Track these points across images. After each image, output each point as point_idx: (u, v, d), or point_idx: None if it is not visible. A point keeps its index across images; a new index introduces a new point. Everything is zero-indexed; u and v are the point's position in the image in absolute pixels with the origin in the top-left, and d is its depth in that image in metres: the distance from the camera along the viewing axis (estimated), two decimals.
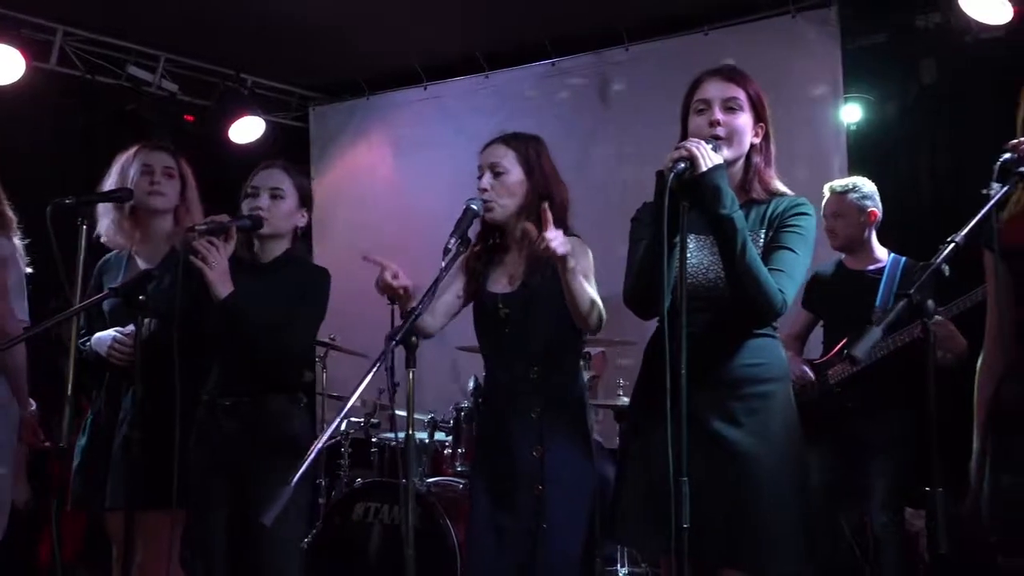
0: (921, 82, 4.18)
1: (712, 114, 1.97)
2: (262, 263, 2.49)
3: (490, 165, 2.33)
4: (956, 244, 1.55)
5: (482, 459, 2.40)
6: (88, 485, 2.58)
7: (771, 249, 1.95)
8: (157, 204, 2.65)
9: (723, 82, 2.01)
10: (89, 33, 4.67)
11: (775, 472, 1.91)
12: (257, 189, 2.48)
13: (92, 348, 2.58)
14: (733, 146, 1.98)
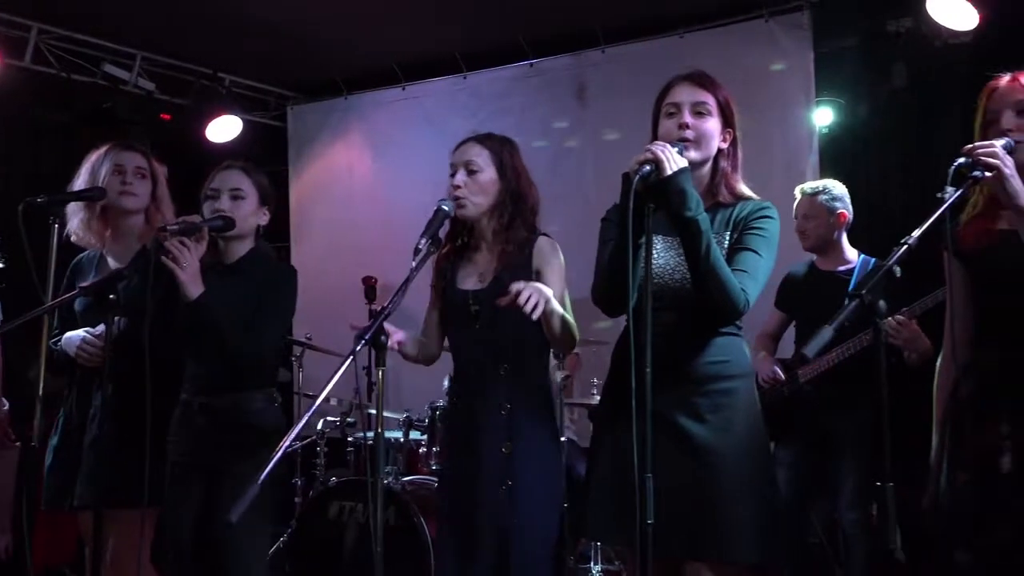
0: (892, 86, 4.24)
1: (681, 117, 2.02)
2: (227, 263, 2.51)
3: (464, 163, 2.36)
4: (909, 246, 1.59)
5: (451, 456, 2.43)
6: (60, 484, 2.57)
7: (735, 251, 2.00)
8: (128, 204, 2.65)
9: (693, 87, 2.06)
10: (64, 31, 4.64)
11: (737, 466, 1.96)
12: (217, 191, 2.49)
13: (62, 348, 2.58)
14: (701, 149, 2.03)
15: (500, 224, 2.35)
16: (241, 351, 2.38)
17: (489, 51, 5.00)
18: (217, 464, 2.37)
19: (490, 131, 2.48)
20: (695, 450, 1.96)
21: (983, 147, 1.73)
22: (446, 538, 2.36)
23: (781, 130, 4.30)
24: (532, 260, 2.34)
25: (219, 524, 2.31)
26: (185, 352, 2.48)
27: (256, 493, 1.51)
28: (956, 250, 1.97)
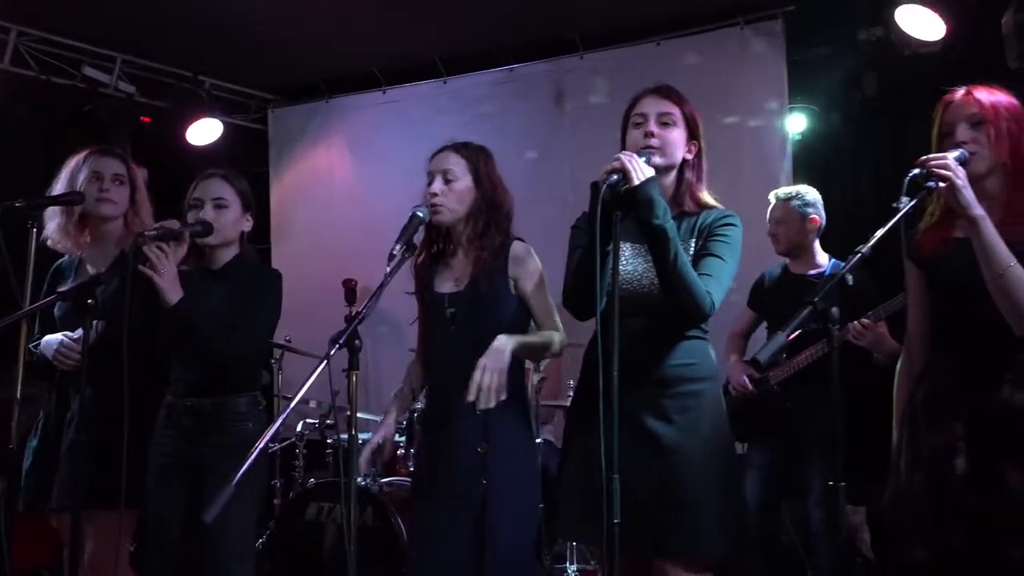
0: (863, 93, 4.33)
1: (647, 126, 2.09)
2: (213, 269, 2.55)
3: (442, 171, 2.41)
4: (862, 255, 1.65)
5: (427, 456, 2.47)
6: (39, 486, 2.59)
7: (700, 256, 2.07)
8: (106, 211, 2.67)
9: (659, 99, 2.14)
10: (44, 33, 4.64)
11: (702, 466, 2.02)
12: (200, 200, 2.53)
13: (41, 351, 2.60)
14: (665, 155, 2.10)
15: (475, 231, 2.41)
16: (224, 354, 2.42)
17: (469, 56, 5.05)
18: (201, 465, 2.41)
19: (467, 139, 2.54)
20: (661, 450, 2.02)
21: (936, 159, 1.80)
22: (420, 534, 2.41)
23: (755, 135, 4.39)
24: (507, 266, 2.39)
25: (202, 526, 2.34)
26: (169, 355, 2.51)
27: (231, 494, 1.54)
28: (915, 257, 2.04)
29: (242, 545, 2.47)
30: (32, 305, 2.43)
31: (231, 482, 1.56)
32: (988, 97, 1.95)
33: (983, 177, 1.90)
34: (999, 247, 1.80)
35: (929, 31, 3.67)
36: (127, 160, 2.78)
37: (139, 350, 2.38)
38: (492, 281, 2.36)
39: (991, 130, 1.90)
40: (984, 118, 1.92)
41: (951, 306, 1.97)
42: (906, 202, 1.76)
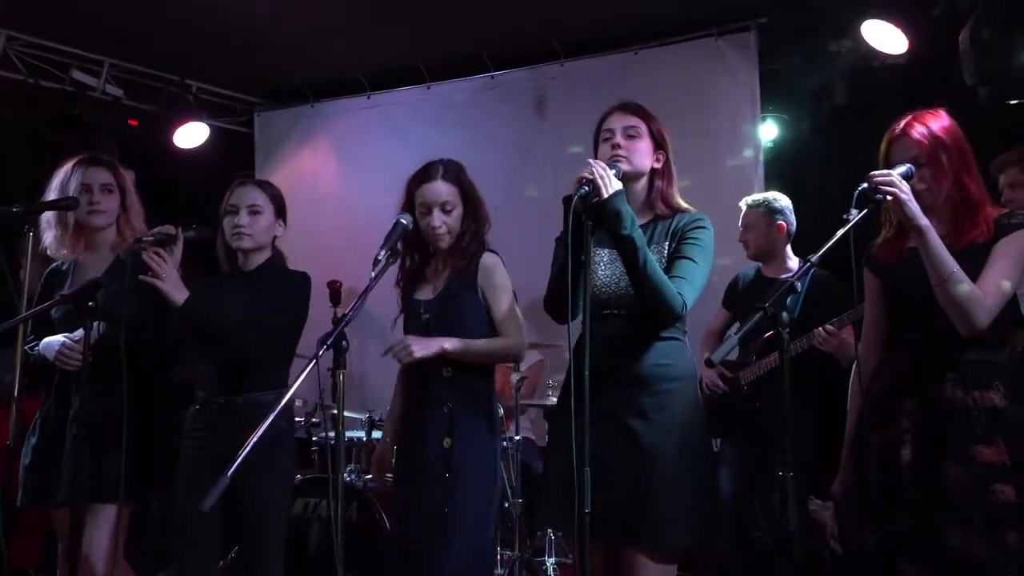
0: (833, 102, 4.47)
1: (614, 139, 2.24)
2: (246, 271, 2.68)
3: (440, 204, 2.54)
4: (811, 263, 1.79)
5: (401, 450, 2.60)
6: (39, 483, 2.67)
7: (673, 259, 2.19)
8: (97, 222, 2.75)
9: (624, 114, 2.29)
10: (32, 37, 4.69)
11: (675, 460, 2.13)
12: (236, 207, 2.64)
13: (40, 352, 2.68)
14: (632, 163, 2.24)
15: (459, 245, 2.55)
16: (247, 352, 2.53)
17: (452, 63, 5.14)
18: (232, 457, 2.49)
19: (451, 143, 2.67)
20: (638, 446, 2.13)
21: (882, 175, 1.93)
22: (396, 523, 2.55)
23: (729, 142, 4.51)
24: (477, 276, 2.54)
25: (243, 516, 2.48)
26: (195, 355, 2.64)
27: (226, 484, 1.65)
28: (872, 266, 2.19)
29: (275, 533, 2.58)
30: (36, 308, 2.52)
31: (226, 475, 1.67)
32: (925, 134, 2.06)
33: (932, 207, 2.03)
34: (943, 255, 1.94)
35: (893, 45, 3.82)
36: (115, 167, 2.84)
37: (139, 351, 2.48)
38: (462, 290, 2.52)
39: (932, 171, 2.04)
40: (927, 160, 2.04)
41: (903, 310, 2.11)
42: (855, 214, 1.89)
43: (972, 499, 1.93)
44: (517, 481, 3.62)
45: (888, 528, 2.01)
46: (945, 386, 1.99)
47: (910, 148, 2.07)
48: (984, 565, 1.92)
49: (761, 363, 3.35)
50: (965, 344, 1.97)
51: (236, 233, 2.61)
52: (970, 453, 1.96)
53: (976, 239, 2.00)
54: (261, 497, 2.47)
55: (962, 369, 1.99)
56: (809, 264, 1.78)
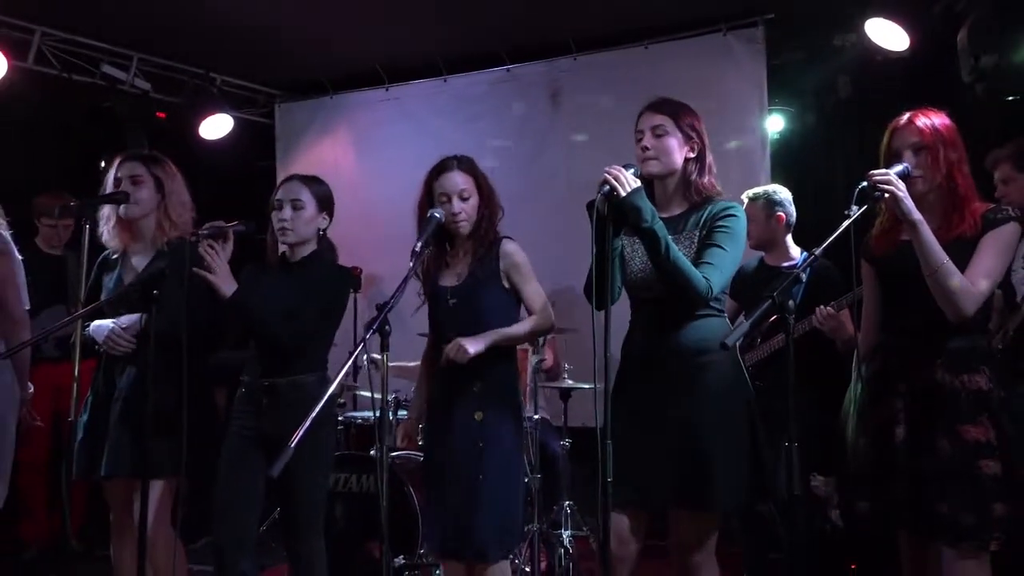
0: (837, 95, 4.63)
1: (643, 140, 2.40)
2: (291, 263, 2.85)
3: (458, 193, 2.72)
4: (815, 256, 1.97)
5: (433, 425, 2.79)
6: (89, 457, 2.85)
7: (703, 246, 2.35)
8: (131, 213, 2.89)
9: (652, 114, 2.43)
10: (66, 33, 4.85)
11: (718, 429, 2.30)
12: (281, 202, 2.80)
13: (90, 335, 2.86)
14: (661, 161, 2.40)
15: (476, 233, 2.74)
16: (283, 338, 2.71)
17: (468, 56, 5.30)
18: (278, 435, 2.64)
19: (466, 135, 2.82)
20: (684, 417, 2.30)
21: (879, 174, 2.11)
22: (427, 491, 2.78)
23: (737, 135, 4.66)
24: (499, 262, 2.73)
25: (287, 486, 2.67)
26: (239, 342, 2.82)
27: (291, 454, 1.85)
28: (868, 256, 2.37)
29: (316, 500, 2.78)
30: (104, 300, 2.71)
31: (290, 444, 1.86)
32: (928, 125, 2.24)
33: (924, 194, 2.21)
34: (934, 247, 2.12)
35: (895, 42, 3.98)
36: (149, 160, 2.97)
37: (178, 339, 2.63)
38: (486, 275, 2.71)
39: (929, 158, 2.21)
40: (925, 145, 2.22)
41: (896, 298, 2.30)
42: (855, 210, 2.07)
43: (960, 473, 2.12)
44: (536, 458, 3.81)
45: (883, 498, 2.20)
46: (935, 370, 2.18)
47: (911, 135, 2.24)
48: (971, 532, 2.11)
49: (765, 346, 3.53)
50: (953, 331, 2.15)
51: (280, 228, 2.78)
52: (958, 431, 2.14)
53: (964, 233, 2.17)
54: (304, 468, 2.64)
55: (950, 354, 2.17)
56: (813, 257, 1.96)
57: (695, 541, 2.37)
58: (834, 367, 3.07)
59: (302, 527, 2.74)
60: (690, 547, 2.38)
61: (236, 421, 2.81)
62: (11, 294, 3.08)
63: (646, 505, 2.32)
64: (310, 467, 2.69)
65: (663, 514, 2.45)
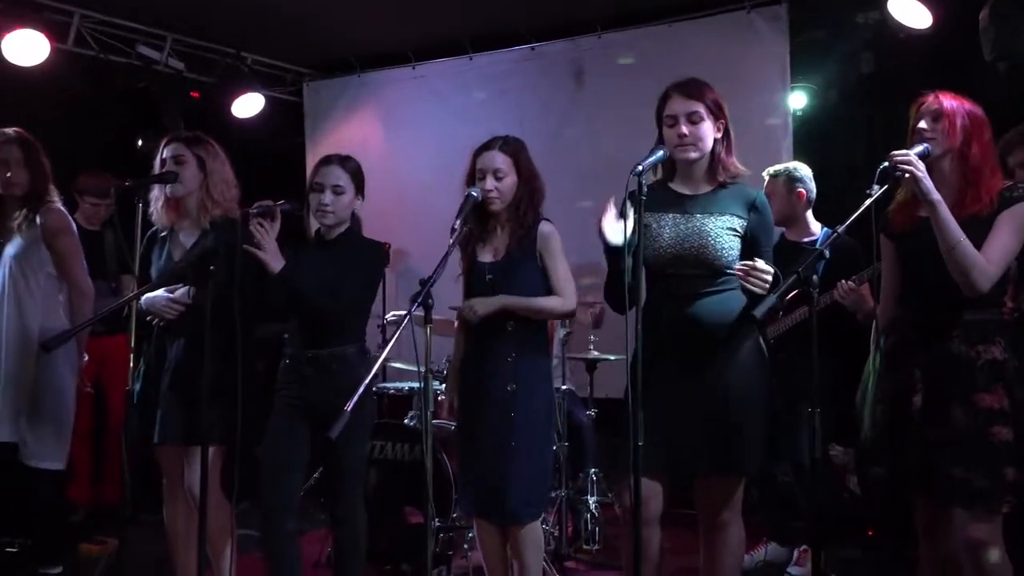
0: (860, 72, 4.67)
1: (679, 128, 2.47)
2: (327, 240, 2.98)
3: (492, 171, 2.84)
4: (838, 233, 2.08)
5: (466, 396, 2.93)
6: (142, 425, 3.00)
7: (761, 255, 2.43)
8: (176, 192, 3.02)
9: (685, 99, 2.49)
10: (103, 15, 4.98)
11: (741, 395, 2.43)
12: (321, 185, 2.91)
13: (142, 307, 3.00)
14: (700, 148, 2.49)
15: (515, 212, 2.85)
16: (325, 312, 2.85)
17: (494, 35, 5.38)
18: (321, 404, 2.83)
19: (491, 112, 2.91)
20: (707, 386, 2.43)
21: (900, 155, 2.20)
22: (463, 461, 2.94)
23: (759, 112, 4.72)
24: (536, 242, 2.85)
25: (330, 449, 2.82)
26: (284, 315, 2.96)
27: (348, 417, 2.00)
28: (887, 232, 2.46)
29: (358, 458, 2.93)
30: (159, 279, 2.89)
31: (346, 408, 2.01)
32: (950, 100, 2.34)
33: (939, 159, 2.30)
34: (952, 226, 2.21)
35: (918, 20, 4.03)
36: (191, 140, 3.08)
37: (229, 312, 2.75)
38: (523, 254, 2.84)
39: (946, 123, 2.30)
40: (943, 113, 2.32)
41: (914, 272, 2.40)
42: (876, 189, 2.17)
43: (974, 439, 2.23)
44: (563, 428, 3.94)
45: (899, 464, 2.32)
46: (952, 341, 2.28)
47: (934, 105, 2.34)
48: (984, 495, 2.22)
49: (787, 319, 3.64)
50: (969, 304, 2.25)
51: (320, 211, 2.90)
52: (973, 400, 2.25)
53: (980, 211, 2.27)
54: (349, 433, 2.76)
55: (966, 326, 2.27)
56: (836, 234, 2.06)
57: (722, 501, 2.51)
58: (854, 339, 3.18)
59: (346, 490, 2.90)
60: (718, 507, 2.52)
61: (281, 391, 2.95)
62: (77, 268, 3.26)
63: (673, 469, 2.45)
64: (355, 433, 2.83)
65: (690, 483, 2.59)
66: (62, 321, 3.23)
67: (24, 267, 3.19)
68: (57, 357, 3.14)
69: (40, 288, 3.20)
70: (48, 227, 3.24)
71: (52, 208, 3.28)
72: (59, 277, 3.27)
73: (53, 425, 3.21)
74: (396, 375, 4.85)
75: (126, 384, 2.92)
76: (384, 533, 3.67)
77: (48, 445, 3.21)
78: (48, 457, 3.23)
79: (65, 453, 3.28)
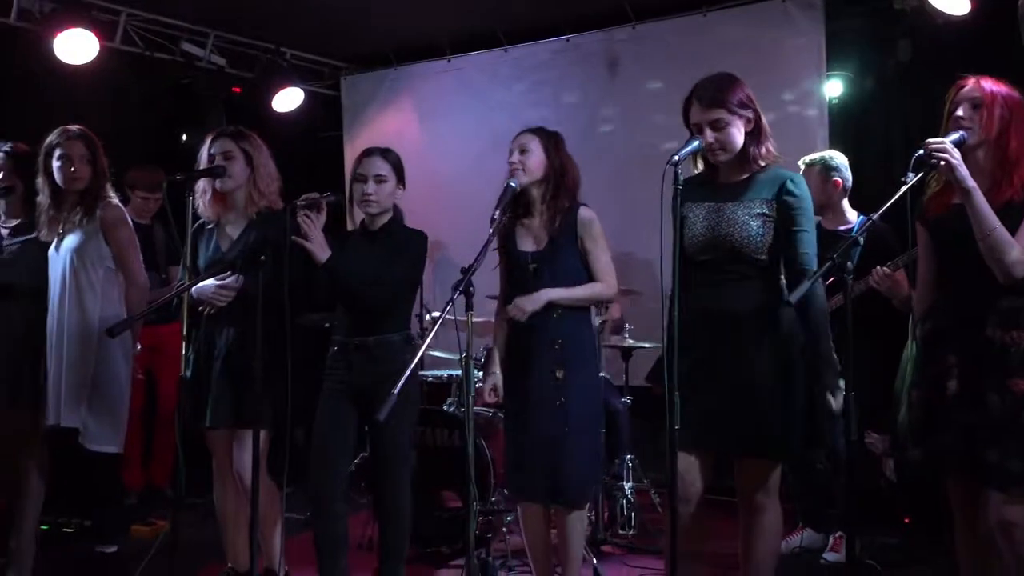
0: (897, 60, 4.64)
1: (706, 137, 2.49)
2: (371, 231, 3.08)
3: (519, 146, 2.93)
4: (872, 221, 2.11)
5: (513, 383, 2.99)
6: (193, 410, 3.12)
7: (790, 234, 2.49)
8: (226, 186, 3.14)
9: (706, 109, 2.50)
10: (148, 13, 5.12)
11: (777, 380, 2.47)
12: (364, 176, 3.01)
13: (193, 296, 3.10)
14: (728, 151, 2.52)
15: (546, 195, 2.92)
16: (369, 300, 2.94)
17: (528, 27, 5.41)
18: (369, 388, 2.94)
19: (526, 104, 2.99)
20: (746, 371, 2.47)
21: (935, 143, 2.22)
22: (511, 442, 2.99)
23: (795, 101, 4.73)
24: (577, 227, 2.90)
25: (378, 431, 2.94)
26: (331, 304, 3.05)
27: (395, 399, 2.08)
28: (922, 219, 2.48)
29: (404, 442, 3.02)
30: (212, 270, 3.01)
31: (393, 391, 2.09)
32: (991, 86, 2.35)
33: (974, 149, 2.32)
34: (987, 212, 2.23)
35: (956, 6, 4.00)
36: (238, 136, 3.19)
37: (277, 301, 2.85)
38: (565, 241, 2.89)
39: (985, 112, 2.31)
40: (983, 102, 2.33)
41: (950, 259, 2.41)
42: (911, 177, 2.20)
43: (1009, 423, 2.25)
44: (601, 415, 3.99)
45: (934, 445, 2.35)
46: (986, 327, 2.30)
47: (973, 91, 2.34)
48: (1019, 478, 2.24)
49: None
50: (1003, 291, 2.27)
51: (364, 200, 2.98)
52: (1008, 385, 2.26)
53: (1014, 199, 2.28)
54: (396, 417, 2.83)
55: (1001, 312, 2.29)
56: (871, 222, 2.10)
57: (759, 484, 2.57)
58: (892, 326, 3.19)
59: (392, 473, 2.99)
60: (755, 489, 2.57)
61: (329, 377, 3.05)
62: (134, 260, 3.40)
63: (710, 446, 2.50)
64: (401, 418, 2.91)
65: (729, 467, 2.64)
66: (119, 311, 3.36)
67: (84, 260, 3.33)
68: (114, 345, 3.27)
69: (99, 280, 3.34)
70: (107, 221, 3.37)
71: (110, 203, 3.41)
72: (116, 269, 3.40)
73: (111, 410, 3.35)
74: (435, 363, 4.93)
75: (177, 371, 3.03)
76: (424, 517, 3.76)
77: (107, 429, 3.35)
78: (107, 441, 3.37)
79: (122, 437, 3.42)
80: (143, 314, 3.03)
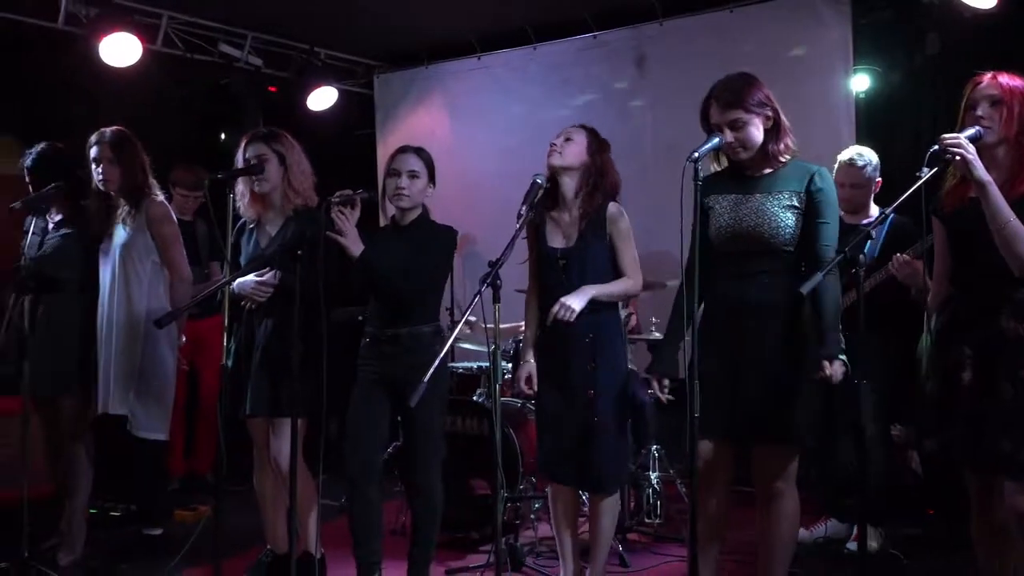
0: (924, 53, 4.64)
1: (726, 136, 2.57)
2: (402, 226, 3.18)
3: (564, 134, 3.04)
4: (885, 214, 2.17)
5: (546, 375, 3.08)
6: (234, 399, 3.23)
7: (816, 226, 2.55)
8: (262, 188, 3.23)
9: (723, 110, 2.58)
10: (188, 16, 5.28)
11: (796, 368, 2.54)
12: (397, 171, 3.11)
13: (235, 291, 3.22)
14: (748, 148, 2.60)
15: (582, 190, 2.99)
16: (402, 293, 3.05)
17: (557, 24, 5.48)
18: (401, 379, 3.04)
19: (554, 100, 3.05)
20: (767, 360, 2.55)
21: (951, 139, 2.28)
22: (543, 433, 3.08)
23: (822, 96, 4.72)
24: (606, 223, 2.98)
25: (409, 420, 3.04)
26: (365, 296, 3.16)
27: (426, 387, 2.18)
28: (938, 213, 2.53)
29: (435, 430, 3.13)
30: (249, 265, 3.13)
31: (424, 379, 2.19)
32: (1009, 83, 2.39)
33: (992, 147, 2.36)
34: (1002, 206, 2.28)
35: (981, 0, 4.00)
36: (271, 138, 3.27)
37: (314, 294, 2.93)
38: (595, 238, 2.97)
39: (1004, 110, 2.36)
40: (1001, 99, 2.37)
41: (965, 251, 2.46)
42: (926, 172, 2.25)
43: (1021, 413, 2.29)
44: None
45: (948, 436, 2.40)
46: (1000, 319, 2.35)
47: (991, 88, 2.38)
48: None
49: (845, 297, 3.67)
50: (1018, 283, 2.32)
51: (397, 194, 3.09)
52: (1021, 375, 2.31)
53: None
54: (427, 405, 2.88)
55: (1015, 304, 2.34)
56: (884, 215, 2.16)
57: (777, 471, 2.64)
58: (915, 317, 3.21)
59: (424, 460, 3.10)
60: (772, 476, 2.64)
61: (363, 367, 3.16)
62: (178, 255, 3.55)
63: (731, 433, 2.57)
64: (433, 406, 3.02)
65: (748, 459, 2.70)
66: (165, 305, 3.51)
67: (131, 254, 3.48)
68: (160, 337, 3.43)
69: (146, 274, 3.50)
70: (152, 217, 3.52)
71: (155, 199, 3.56)
72: (161, 264, 3.55)
73: (157, 399, 3.50)
74: (465, 356, 5.04)
75: (219, 362, 3.15)
76: (455, 503, 3.86)
77: (153, 417, 3.50)
78: (153, 428, 3.52)
79: (167, 425, 3.57)
80: (188, 306, 3.17)
